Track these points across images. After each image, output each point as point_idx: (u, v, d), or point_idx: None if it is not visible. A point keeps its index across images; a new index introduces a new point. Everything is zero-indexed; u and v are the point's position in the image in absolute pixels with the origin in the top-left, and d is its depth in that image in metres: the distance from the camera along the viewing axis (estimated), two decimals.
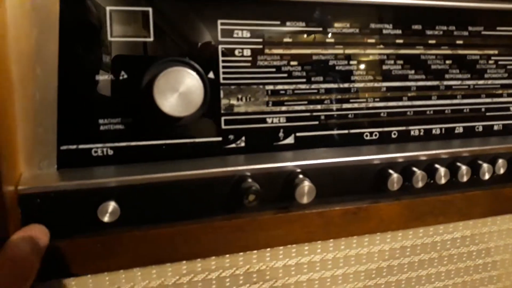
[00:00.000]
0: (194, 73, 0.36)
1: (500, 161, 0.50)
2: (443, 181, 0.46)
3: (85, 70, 0.37)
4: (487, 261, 0.56)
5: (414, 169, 0.46)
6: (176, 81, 0.36)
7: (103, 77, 0.38)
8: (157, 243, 0.40)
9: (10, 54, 0.36)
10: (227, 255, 0.43)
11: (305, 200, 0.41)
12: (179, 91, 0.36)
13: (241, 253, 0.44)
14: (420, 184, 0.45)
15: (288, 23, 0.42)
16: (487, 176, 0.49)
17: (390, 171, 0.45)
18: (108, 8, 0.37)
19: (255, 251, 0.44)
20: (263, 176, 0.41)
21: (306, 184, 0.41)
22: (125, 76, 0.38)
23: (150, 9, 0.38)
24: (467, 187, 0.49)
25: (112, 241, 0.38)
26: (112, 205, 0.36)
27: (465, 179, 0.47)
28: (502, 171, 0.50)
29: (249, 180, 0.40)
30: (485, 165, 0.48)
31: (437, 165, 0.47)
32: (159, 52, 0.39)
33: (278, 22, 0.42)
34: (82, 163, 0.39)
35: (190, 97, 0.36)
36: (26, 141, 0.37)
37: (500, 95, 0.53)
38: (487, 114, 0.52)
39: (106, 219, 0.36)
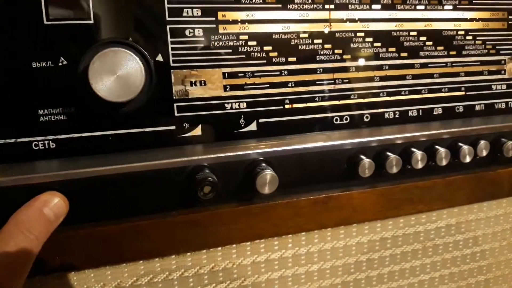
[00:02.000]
0: (133, 54, 0.33)
1: (482, 142, 0.47)
2: (420, 165, 0.43)
3: (20, 58, 0.34)
4: (475, 250, 0.53)
5: (388, 153, 0.42)
6: (113, 63, 0.32)
7: (41, 64, 0.35)
8: (107, 242, 0.37)
9: None
10: (188, 253, 0.40)
11: (266, 190, 0.38)
12: (117, 74, 0.33)
13: (205, 251, 0.41)
14: (395, 170, 0.42)
15: (243, 0, 0.39)
16: (468, 159, 0.45)
17: (361, 156, 0.42)
18: None
19: (219, 248, 0.41)
20: (222, 166, 0.38)
21: (267, 172, 0.38)
22: (65, 62, 0.35)
23: None
24: (448, 171, 0.46)
25: (56, 240, 0.35)
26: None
27: (444, 162, 0.44)
28: (484, 153, 0.47)
29: (206, 170, 0.37)
30: (466, 147, 0.45)
31: (413, 149, 0.44)
32: (101, 35, 0.36)
33: None
34: (22, 158, 0.36)
35: (129, 81, 0.33)
36: None
37: (481, 73, 0.50)
38: (468, 93, 0.49)
39: None
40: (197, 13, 0.38)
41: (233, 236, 0.39)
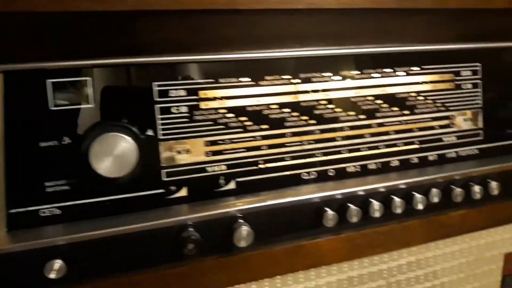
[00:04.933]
0: (127, 137, 0.39)
1: (434, 190, 0.53)
2: (377, 214, 0.50)
3: (29, 139, 0.40)
4: (435, 283, 0.59)
5: (349, 205, 0.49)
6: (110, 146, 0.39)
7: (47, 144, 0.41)
8: None
9: None
10: None
11: (243, 243, 0.44)
12: (113, 154, 0.39)
13: None
14: (354, 219, 0.49)
15: (221, 80, 0.46)
16: (421, 206, 0.52)
17: (326, 208, 0.48)
18: (48, 81, 0.40)
19: None
20: (204, 224, 0.44)
21: (244, 228, 0.44)
22: (68, 141, 0.41)
23: (89, 79, 0.41)
24: (404, 217, 0.52)
25: None
26: (58, 262, 0.39)
27: (399, 211, 0.51)
28: (436, 200, 0.53)
29: (190, 229, 0.43)
30: (419, 196, 0.52)
31: (371, 199, 0.50)
32: (100, 116, 0.42)
33: (212, 80, 0.46)
34: (31, 224, 0.41)
35: (124, 159, 0.39)
36: None
37: (432, 128, 0.57)
38: (421, 146, 0.56)
39: (52, 276, 0.39)
40: (181, 93, 0.45)
41: (215, 284, 0.45)
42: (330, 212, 0.48)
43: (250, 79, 0.47)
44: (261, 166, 0.49)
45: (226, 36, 0.46)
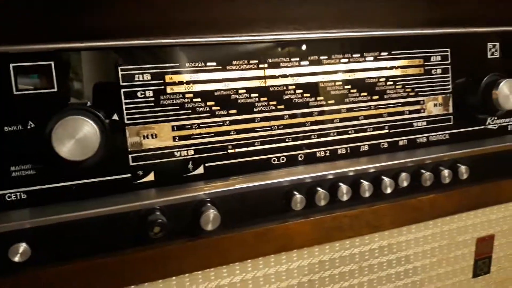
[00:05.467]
0: (89, 120, 0.40)
1: (403, 174, 0.54)
2: (345, 198, 0.50)
3: None
4: (408, 267, 0.60)
5: (318, 188, 0.49)
6: (73, 129, 0.39)
7: (12, 128, 0.41)
8: (73, 279, 0.42)
9: None
10: (146, 283, 0.46)
11: (210, 227, 0.44)
12: (76, 137, 0.39)
13: (160, 280, 0.47)
14: (322, 203, 0.49)
15: (187, 64, 0.46)
16: (389, 190, 0.53)
17: (294, 192, 0.49)
18: (11, 65, 0.40)
19: (173, 278, 0.47)
20: (171, 208, 0.44)
21: (211, 212, 0.44)
22: (33, 125, 0.41)
23: (52, 63, 0.42)
24: (373, 201, 0.53)
25: (27, 280, 0.41)
26: (22, 246, 0.39)
27: (367, 194, 0.51)
28: (405, 184, 0.54)
29: (157, 213, 0.43)
30: (387, 180, 0.53)
31: (340, 183, 0.51)
32: (64, 100, 0.42)
33: (178, 64, 0.46)
34: None
35: (86, 143, 0.39)
36: None
37: (402, 113, 0.57)
38: (391, 131, 0.57)
39: (17, 259, 0.39)
40: (147, 78, 0.45)
41: (183, 267, 0.46)
42: (298, 195, 0.48)
43: (217, 64, 0.47)
44: (230, 151, 0.49)
45: (192, 19, 0.46)
